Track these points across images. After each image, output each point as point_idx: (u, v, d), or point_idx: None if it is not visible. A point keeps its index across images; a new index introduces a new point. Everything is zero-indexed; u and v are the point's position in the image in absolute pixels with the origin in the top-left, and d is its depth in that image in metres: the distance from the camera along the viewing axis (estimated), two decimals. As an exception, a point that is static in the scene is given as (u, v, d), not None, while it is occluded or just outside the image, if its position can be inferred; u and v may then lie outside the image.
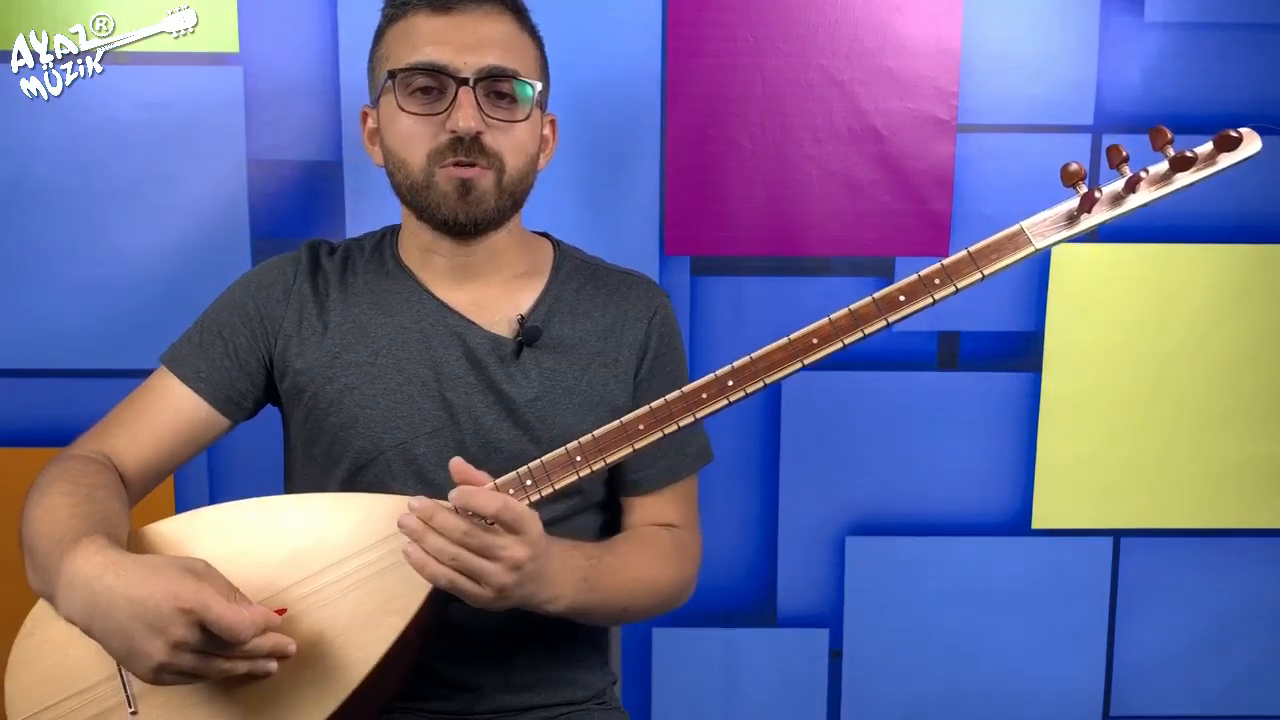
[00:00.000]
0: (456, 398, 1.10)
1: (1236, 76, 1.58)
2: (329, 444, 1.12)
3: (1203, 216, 1.62)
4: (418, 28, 1.06)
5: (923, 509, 1.68)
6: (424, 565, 0.92)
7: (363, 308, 1.13)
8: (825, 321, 0.93)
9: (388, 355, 1.11)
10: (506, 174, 1.07)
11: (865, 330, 0.92)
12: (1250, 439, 1.68)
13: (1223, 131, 0.87)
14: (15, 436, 1.60)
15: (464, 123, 1.03)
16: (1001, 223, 0.93)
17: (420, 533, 0.92)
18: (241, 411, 1.14)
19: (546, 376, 1.12)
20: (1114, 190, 0.90)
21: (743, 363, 0.94)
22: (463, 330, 1.11)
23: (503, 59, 1.05)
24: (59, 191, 1.55)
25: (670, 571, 1.14)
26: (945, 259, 0.92)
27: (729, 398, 0.94)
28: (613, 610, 1.09)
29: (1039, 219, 0.91)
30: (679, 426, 0.95)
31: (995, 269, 0.91)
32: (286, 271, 1.15)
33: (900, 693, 1.73)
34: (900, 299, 0.92)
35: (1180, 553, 1.71)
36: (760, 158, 1.58)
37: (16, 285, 1.57)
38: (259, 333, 1.13)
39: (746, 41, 1.56)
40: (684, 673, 1.71)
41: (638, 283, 1.20)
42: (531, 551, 0.93)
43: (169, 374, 1.12)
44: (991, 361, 1.65)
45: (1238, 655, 1.74)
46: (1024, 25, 1.57)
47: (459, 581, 0.92)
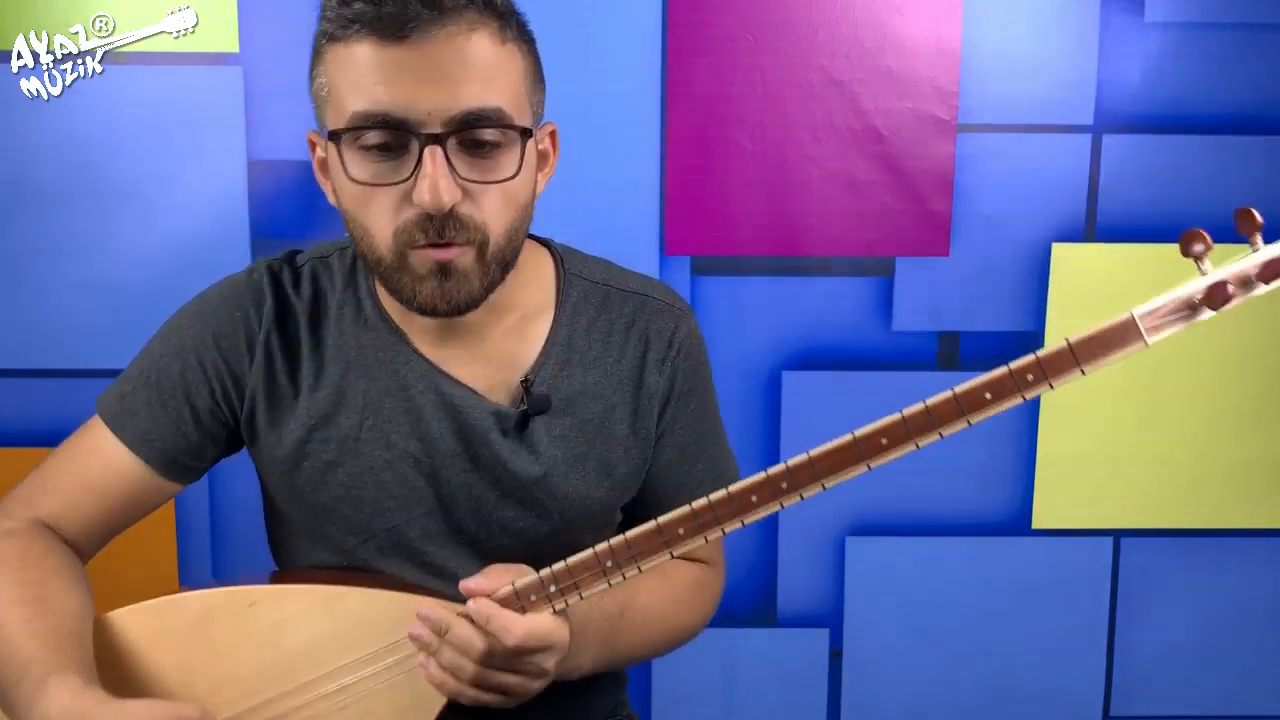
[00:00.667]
0: (453, 477, 0.96)
1: (1236, 76, 1.58)
2: (311, 521, 0.99)
3: (1203, 216, 1.61)
4: (363, 60, 0.81)
5: (923, 509, 1.68)
6: (443, 684, 0.84)
7: (339, 368, 0.95)
8: (898, 419, 0.82)
9: (372, 428, 0.95)
10: (491, 245, 0.86)
11: (942, 433, 0.82)
12: (1250, 439, 1.68)
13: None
14: (15, 436, 1.60)
15: (433, 198, 0.81)
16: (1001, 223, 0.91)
17: (434, 648, 0.84)
18: (192, 474, 0.98)
19: (556, 446, 0.96)
20: (1244, 272, 0.78)
21: (799, 462, 0.82)
22: (458, 400, 0.94)
23: (481, 97, 0.81)
24: (59, 191, 1.55)
25: (689, 615, 1.06)
26: (1042, 353, 0.80)
27: (782, 501, 0.83)
28: (631, 661, 1.03)
29: (1153, 309, 0.80)
30: (723, 532, 0.84)
31: (1098, 367, 0.80)
32: (250, 316, 0.96)
33: (900, 693, 1.73)
34: (986, 397, 0.81)
35: (1180, 553, 1.71)
36: (760, 158, 1.58)
37: (16, 285, 1.56)
38: (220, 393, 0.95)
39: (746, 41, 1.56)
40: (684, 673, 1.70)
41: (656, 309, 1.02)
42: (559, 657, 0.86)
43: (111, 436, 0.96)
44: (991, 361, 1.63)
45: (1238, 655, 1.74)
46: (1024, 25, 1.57)
47: (482, 698, 0.85)
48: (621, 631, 0.96)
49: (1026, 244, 1.61)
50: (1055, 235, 1.61)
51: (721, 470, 1.08)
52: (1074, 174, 1.60)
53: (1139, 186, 1.60)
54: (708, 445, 1.07)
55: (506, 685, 0.84)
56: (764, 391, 1.63)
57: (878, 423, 0.81)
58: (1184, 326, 0.79)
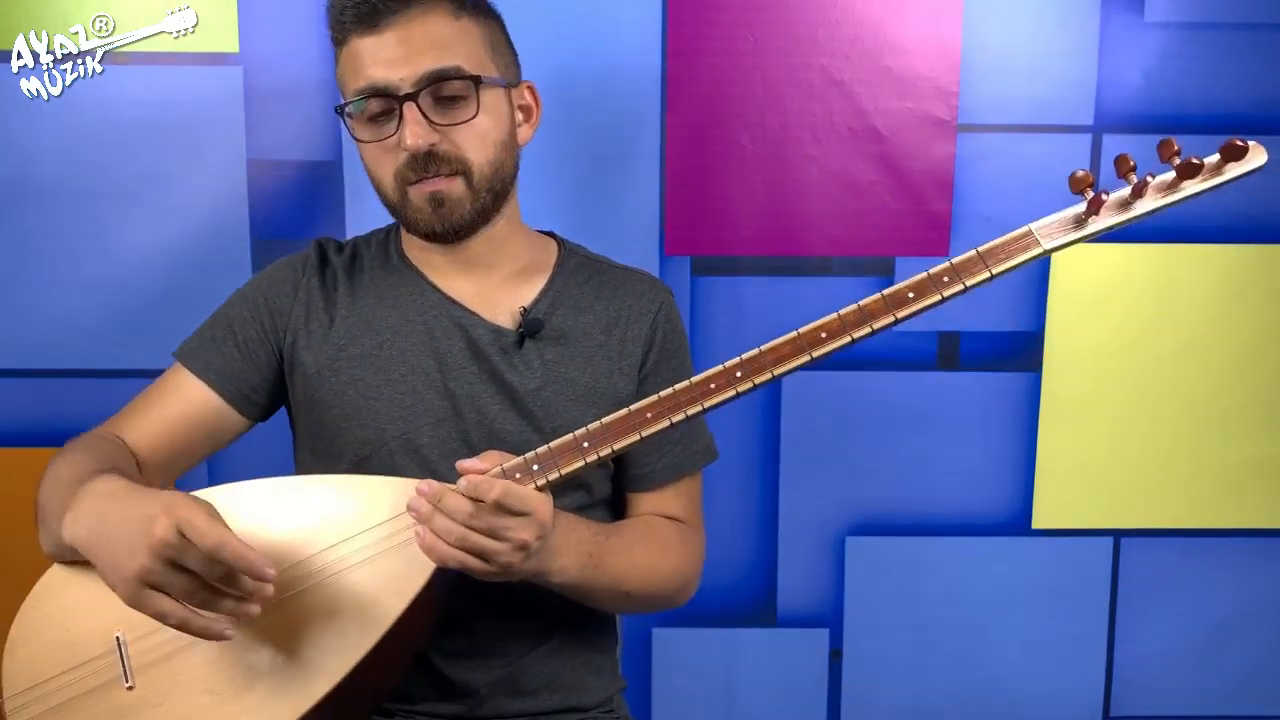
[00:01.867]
0: (460, 388, 1.11)
1: (1236, 76, 1.58)
2: (333, 435, 1.12)
3: (1203, 216, 1.61)
4: (357, 51, 1.05)
5: (923, 509, 1.68)
6: (433, 547, 0.93)
7: (368, 301, 1.14)
8: (834, 317, 0.94)
9: (391, 347, 1.12)
10: (476, 173, 1.07)
11: (873, 326, 0.93)
12: (1250, 439, 1.68)
13: (1230, 140, 0.89)
14: (15, 436, 1.60)
15: (411, 140, 1.03)
16: (1002, 223, 0.93)
17: (428, 515, 0.93)
18: (254, 407, 1.15)
19: (549, 367, 1.12)
20: (1121, 196, 0.92)
21: (751, 355, 0.95)
22: (465, 321, 1.12)
23: (439, 60, 1.03)
24: (59, 191, 1.55)
25: (673, 561, 1.15)
26: (954, 258, 0.92)
27: (737, 389, 0.95)
28: (615, 593, 1.09)
29: (1047, 221, 0.92)
30: (686, 416, 0.95)
31: (1003, 269, 0.92)
32: (296, 268, 1.17)
33: (900, 693, 1.73)
34: (909, 296, 0.92)
35: (1180, 553, 1.71)
36: (760, 158, 1.58)
37: (16, 285, 1.57)
38: (268, 326, 1.14)
39: (746, 41, 1.56)
40: (684, 673, 1.71)
41: (642, 279, 1.21)
42: (538, 530, 0.94)
43: (181, 368, 1.14)
44: (991, 361, 1.65)
45: (1238, 655, 1.74)
46: (1024, 25, 1.57)
47: (466, 560, 0.93)
48: (607, 551, 1.06)
49: (1026, 244, 1.61)
50: (1055, 235, 1.61)
51: (700, 435, 1.20)
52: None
53: (1139, 186, 1.60)
54: None
55: (488, 549, 0.92)
56: (764, 391, 1.62)
57: (817, 321, 0.94)
58: (1073, 237, 0.92)
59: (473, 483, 0.92)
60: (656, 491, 1.18)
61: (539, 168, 1.46)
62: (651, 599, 1.14)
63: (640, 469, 1.17)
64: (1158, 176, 0.91)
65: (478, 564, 0.93)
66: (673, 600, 1.17)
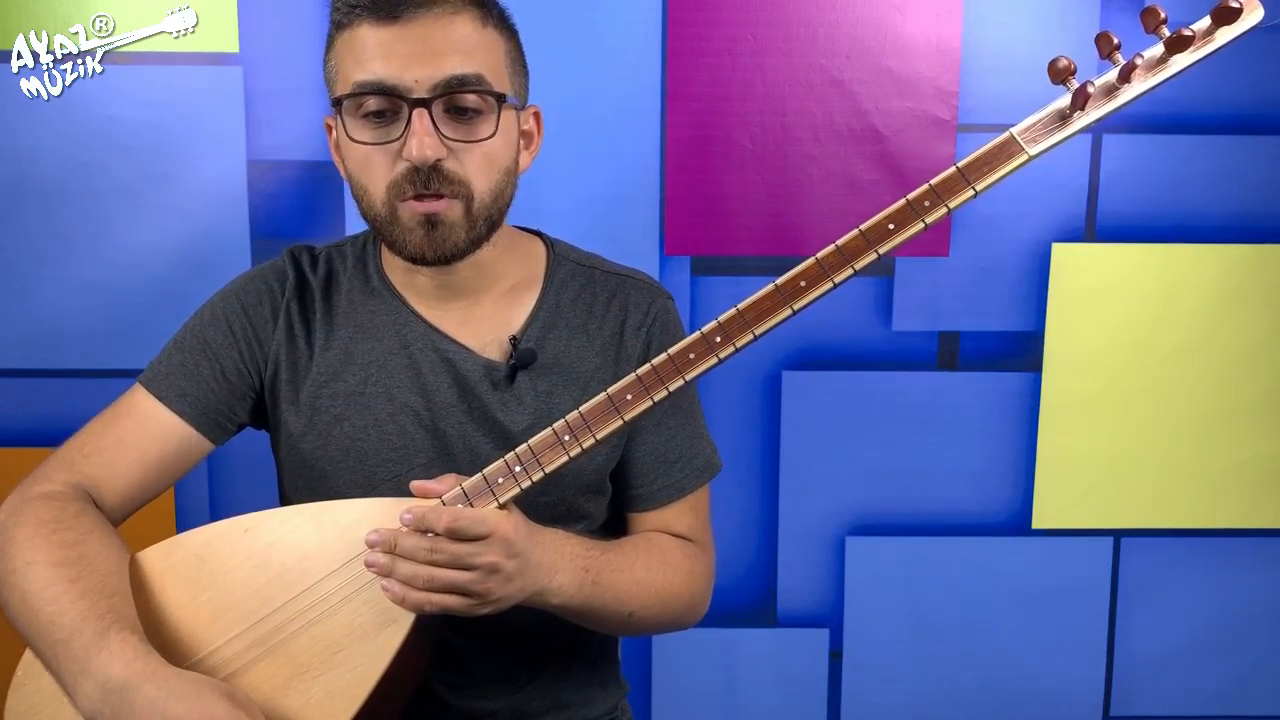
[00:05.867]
0: (450, 428, 1.04)
1: (1236, 76, 1.58)
2: (319, 476, 1.05)
3: (1203, 216, 1.62)
4: (363, 39, 0.93)
5: (923, 509, 1.68)
6: (404, 597, 0.87)
7: (348, 331, 1.06)
8: (812, 261, 0.86)
9: (377, 384, 1.04)
10: (476, 200, 0.96)
11: (855, 265, 0.85)
12: (1250, 439, 1.68)
13: (1222, 2, 0.80)
14: (15, 436, 1.60)
15: (419, 151, 0.92)
16: (1002, 222, 0.91)
17: (388, 566, 0.88)
18: (224, 433, 1.06)
19: (542, 400, 1.04)
20: (1108, 81, 0.82)
21: (729, 315, 0.87)
22: (453, 356, 1.04)
23: (462, 66, 0.93)
24: (59, 191, 1.55)
25: (680, 579, 1.07)
26: (934, 179, 0.84)
27: (718, 354, 0.88)
28: (619, 613, 1.02)
29: (1029, 123, 0.84)
30: (668, 391, 0.89)
31: (988, 183, 0.83)
32: (274, 288, 1.06)
33: (900, 693, 1.73)
34: (889, 227, 0.85)
35: (1180, 553, 1.71)
36: (760, 158, 1.58)
37: (16, 285, 1.57)
38: (247, 354, 1.05)
39: (746, 41, 1.56)
40: (684, 673, 1.71)
41: (638, 285, 1.11)
42: (506, 550, 0.88)
43: (149, 395, 1.03)
44: (991, 361, 1.64)
45: (1238, 655, 1.74)
46: (1024, 25, 1.57)
47: (443, 601, 0.88)
48: (605, 567, 0.99)
49: (1026, 244, 1.61)
50: (1055, 235, 1.61)
51: (698, 450, 1.12)
52: (1074, 174, 1.60)
53: (1139, 186, 1.60)
54: (685, 422, 1.11)
55: (457, 583, 0.87)
56: (764, 391, 1.63)
57: (795, 269, 0.86)
58: (1060, 136, 0.83)
59: (418, 515, 0.87)
60: (658, 510, 1.11)
61: (539, 167, 1.45)
62: (659, 620, 1.07)
63: (638, 490, 1.10)
64: (1146, 54, 0.81)
65: (457, 601, 0.88)
66: (680, 621, 1.10)
